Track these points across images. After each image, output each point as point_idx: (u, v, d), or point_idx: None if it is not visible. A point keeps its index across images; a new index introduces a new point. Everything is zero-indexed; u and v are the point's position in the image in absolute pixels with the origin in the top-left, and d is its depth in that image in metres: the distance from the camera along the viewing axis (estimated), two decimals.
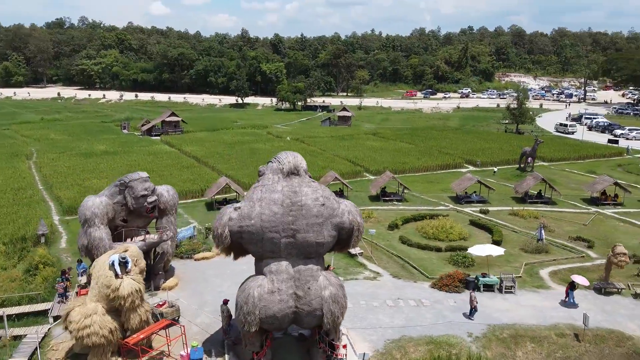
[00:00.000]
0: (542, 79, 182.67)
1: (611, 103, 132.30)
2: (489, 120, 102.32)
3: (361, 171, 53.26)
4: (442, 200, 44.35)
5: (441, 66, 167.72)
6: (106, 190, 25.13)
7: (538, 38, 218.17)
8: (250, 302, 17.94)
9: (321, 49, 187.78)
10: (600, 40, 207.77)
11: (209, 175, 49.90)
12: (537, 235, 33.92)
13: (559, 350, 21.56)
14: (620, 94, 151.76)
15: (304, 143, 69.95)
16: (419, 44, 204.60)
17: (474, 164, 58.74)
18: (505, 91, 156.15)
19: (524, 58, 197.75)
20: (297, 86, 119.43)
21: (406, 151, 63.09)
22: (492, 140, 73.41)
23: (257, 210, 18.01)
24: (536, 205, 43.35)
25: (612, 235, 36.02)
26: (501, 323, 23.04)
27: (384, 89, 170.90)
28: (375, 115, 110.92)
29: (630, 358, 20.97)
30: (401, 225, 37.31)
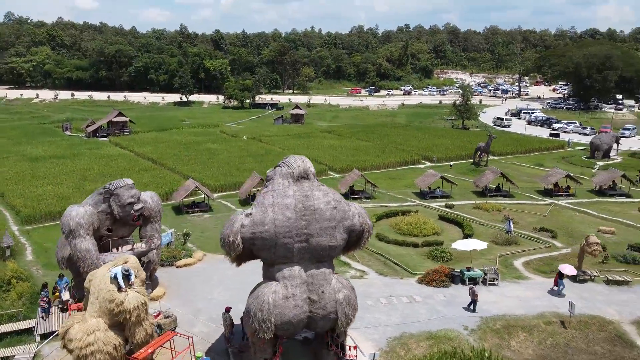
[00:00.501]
0: (478, 76, 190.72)
1: (544, 98, 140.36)
2: (433, 117, 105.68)
3: (325, 170, 53.57)
4: (408, 197, 45.50)
5: (383, 64, 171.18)
6: (89, 199, 23.88)
7: (471, 36, 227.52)
8: (265, 309, 17.73)
9: (263, 46, 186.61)
10: (529, 37, 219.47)
11: (171, 178, 48.47)
12: (506, 228, 35.63)
13: (548, 338, 22.85)
14: (550, 89, 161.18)
15: (262, 142, 69.39)
16: (359, 41, 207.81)
17: (430, 159, 60.58)
18: (444, 88, 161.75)
19: (460, 55, 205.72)
20: (245, 83, 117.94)
21: (364, 149, 64.05)
22: (443, 136, 76.01)
23: (270, 215, 17.81)
24: (496, 198, 45.39)
25: (570, 225, 38.40)
26: (492, 315, 24.09)
27: (328, 86, 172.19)
28: (325, 112, 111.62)
29: (613, 341, 22.56)
30: (375, 223, 37.93)
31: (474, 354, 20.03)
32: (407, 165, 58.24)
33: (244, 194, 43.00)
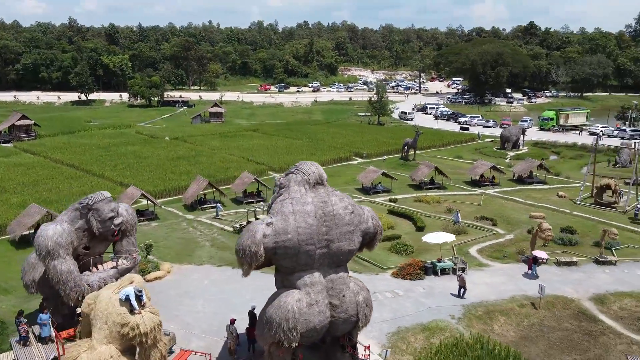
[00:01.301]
0: (379, 73, 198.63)
1: (442, 93, 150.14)
2: (347, 113, 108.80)
3: (265, 170, 53.16)
4: (352, 193, 46.68)
5: (290, 60, 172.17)
6: (64, 216, 21.84)
7: (369, 34, 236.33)
8: (291, 318, 17.61)
9: (162, 41, 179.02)
10: (422, 35, 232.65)
11: (104, 186, 45.14)
12: (453, 219, 38.09)
13: (524, 320, 25.05)
14: (445, 85, 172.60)
15: (187, 142, 67.00)
16: (262, 37, 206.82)
17: (361, 155, 62.55)
18: (350, 85, 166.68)
19: (361, 53, 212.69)
20: (152, 80, 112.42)
21: (297, 147, 64.44)
22: (364, 133, 78.68)
23: (292, 224, 17.68)
24: (431, 191, 48.18)
25: (504, 212, 41.91)
26: (471, 302, 25.84)
27: (235, 82, 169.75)
28: (240, 110, 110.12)
29: (578, 318, 25.28)
30: None
31: (472, 340, 21.47)
32: (340, 162, 59.61)
33: (190, 199, 41.46)
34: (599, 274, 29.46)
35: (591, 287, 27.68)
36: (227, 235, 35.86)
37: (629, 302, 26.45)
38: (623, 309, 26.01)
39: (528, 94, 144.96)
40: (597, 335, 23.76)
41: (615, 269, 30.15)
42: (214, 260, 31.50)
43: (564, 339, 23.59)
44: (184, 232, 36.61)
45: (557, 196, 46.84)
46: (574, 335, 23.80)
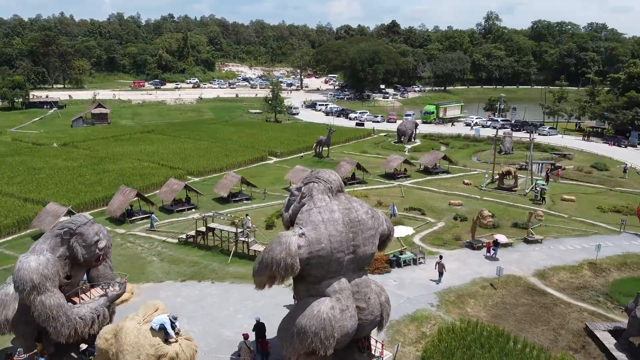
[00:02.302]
0: (257, 69, 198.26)
1: (322, 90, 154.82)
2: (237, 111, 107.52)
3: (184, 175, 50.74)
4: (284, 193, 46.80)
5: (164, 55, 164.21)
6: (43, 244, 19.17)
7: (241, 29, 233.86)
8: (327, 326, 17.70)
9: (13, 35, 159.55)
10: (294, 32, 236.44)
11: (10, 204, 39.66)
12: (390, 212, 40.28)
13: (488, 300, 27.71)
14: (322, 81, 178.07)
15: (82, 149, 61.19)
16: (126, 31, 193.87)
17: (275, 154, 62.66)
18: (232, 81, 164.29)
19: (236, 48, 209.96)
20: (15, 80, 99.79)
21: (206, 149, 62.35)
22: (267, 131, 78.66)
23: (324, 233, 17.73)
24: (354, 186, 50.18)
25: (426, 202, 45.22)
26: (441, 289, 27.86)
27: (102, 79, 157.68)
28: (120, 109, 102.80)
29: (530, 293, 28.58)
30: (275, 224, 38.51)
31: (463, 325, 23.38)
32: (257, 162, 59.13)
33: (118, 211, 38.27)
34: (531, 252, 33.52)
35: (531, 265, 31.45)
36: (173, 247, 34.00)
37: (564, 275, 30.61)
38: (562, 281, 30.06)
39: (399, 89, 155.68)
40: (551, 306, 27.21)
41: (542, 246, 34.52)
42: (173, 275, 29.77)
43: (526, 313, 26.66)
44: (122, 248, 33.87)
45: (463, 184, 51.69)
46: (533, 309, 27.00)
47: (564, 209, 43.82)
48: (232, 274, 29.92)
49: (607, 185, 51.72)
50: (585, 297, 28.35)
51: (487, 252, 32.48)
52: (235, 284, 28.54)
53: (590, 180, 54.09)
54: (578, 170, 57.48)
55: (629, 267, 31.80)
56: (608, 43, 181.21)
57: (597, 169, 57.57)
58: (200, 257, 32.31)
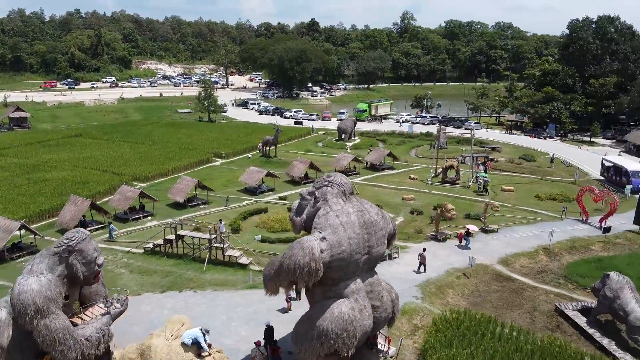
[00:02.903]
0: (177, 66, 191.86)
1: (249, 88, 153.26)
2: (165, 111, 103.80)
3: (130, 181, 48.34)
4: (239, 196, 46.23)
5: (76, 53, 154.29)
6: (40, 264, 17.68)
7: (156, 25, 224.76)
8: (349, 326, 18.00)
9: None
10: (213, 29, 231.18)
11: None
12: None
13: (464, 289, 29.31)
14: (247, 79, 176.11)
15: (9, 157, 56.29)
16: (31, 28, 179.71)
17: (220, 156, 61.41)
18: (151, 79, 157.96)
19: (152, 45, 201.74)
20: None
21: (146, 152, 59.80)
22: (204, 131, 76.88)
23: (343, 235, 17.96)
24: (309, 185, 50.43)
25: (379, 197, 46.42)
26: (421, 282, 29.06)
27: (7, 79, 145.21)
28: (36, 112, 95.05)
29: (499, 279, 30.48)
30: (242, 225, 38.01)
31: (453, 315, 24.63)
32: (203, 165, 57.63)
33: (71, 223, 35.82)
34: (491, 241, 35.80)
35: (493, 253, 33.60)
36: (140, 257, 32.56)
37: (524, 261, 33.06)
38: (523, 266, 32.44)
39: (326, 87, 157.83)
40: (520, 291, 29.34)
41: (499, 235, 36.96)
42: (149, 287, 28.56)
43: (500, 298, 28.55)
44: None
45: (410, 179, 53.80)
46: (505, 295, 28.97)
47: (505, 199, 46.99)
48: (211, 281, 29.26)
49: (538, 175, 56.13)
50: (547, 280, 30.85)
51: (460, 242, 34.28)
52: (218, 291, 27.95)
53: (522, 171, 58.38)
54: (509, 162, 61.81)
55: (577, 250, 34.95)
56: (514, 41, 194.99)
57: (526, 160, 62.27)
58: (172, 267, 31.23)
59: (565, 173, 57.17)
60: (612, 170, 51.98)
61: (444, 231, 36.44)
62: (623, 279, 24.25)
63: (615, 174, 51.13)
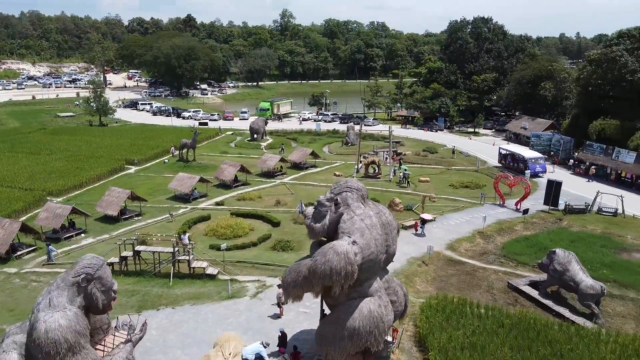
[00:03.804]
0: (42, 65, 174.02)
1: (130, 87, 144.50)
2: (44, 115, 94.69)
3: (44, 196, 43.84)
4: (172, 204, 44.36)
5: None
6: (60, 298, 15.89)
7: (11, 21, 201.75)
8: (379, 323, 18.94)
9: None
10: (79, 24, 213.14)
11: None
12: (299, 209, 41.83)
13: (427, 275, 31.60)
14: (125, 78, 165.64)
15: None
16: None
17: (133, 162, 57.88)
18: (16, 80, 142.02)
19: (11, 43, 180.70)
20: None
21: (47, 162, 54.35)
22: (101, 136, 71.77)
23: (370, 238, 18.78)
24: (238, 188, 49.98)
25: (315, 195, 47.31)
26: (391, 272, 30.59)
27: None
28: None
29: (452, 264, 33.12)
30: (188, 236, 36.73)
31: (436, 300, 26.64)
32: (117, 174, 53.98)
33: (3, 247, 31.91)
34: (433, 229, 38.76)
35: (439, 240, 36.52)
36: None
37: (466, 245, 36.44)
38: (467, 250, 35.78)
39: (214, 85, 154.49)
40: (473, 272, 32.40)
41: (437, 223, 40.13)
42: (120, 309, 26.22)
43: (460, 281, 31.33)
44: (29, 289, 28.88)
45: (335, 175, 55.70)
46: (462, 277, 31.84)
47: (424, 189, 50.81)
48: (183, 296, 28.18)
49: (444, 165, 61.41)
50: (490, 260, 34.42)
51: (416, 231, 36.73)
52: (198, 305, 27.06)
53: (429, 162, 63.33)
54: (416, 155, 66.59)
55: (505, 232, 39.34)
56: (388, 40, 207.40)
57: (430, 152, 67.56)
58: (134, 285, 29.47)
59: (467, 162, 63.23)
60: (509, 158, 58.69)
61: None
62: (569, 254, 28.15)
63: (512, 161, 57.86)
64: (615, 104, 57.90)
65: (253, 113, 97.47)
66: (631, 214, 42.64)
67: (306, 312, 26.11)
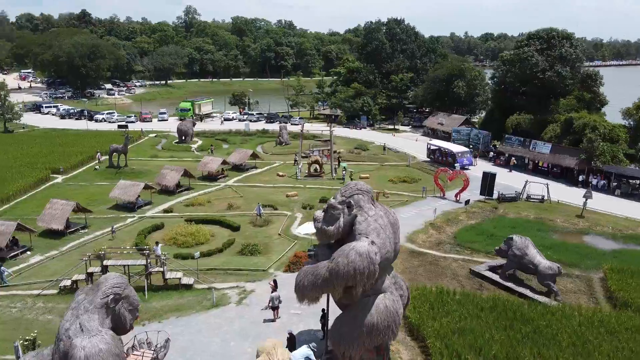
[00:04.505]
0: None
1: (25, 88, 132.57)
2: None
3: None
4: (117, 214, 42.15)
5: None
6: (91, 322, 14.94)
7: None
8: (396, 317, 19.85)
9: None
10: None
11: None
12: (256, 212, 41.65)
13: (397, 267, 32.57)
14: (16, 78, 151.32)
15: None
16: None
17: (59, 171, 53.76)
18: None
19: None
20: None
21: None
22: (14, 145, 65.72)
23: (385, 237, 19.62)
24: (182, 194, 48.46)
25: (267, 197, 47.34)
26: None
27: None
28: None
29: (414, 255, 34.70)
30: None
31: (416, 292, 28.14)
32: (44, 184, 49.98)
33: None
34: None
35: None
36: (56, 299, 28.19)
37: (422, 236, 38.56)
38: (424, 241, 37.91)
39: (119, 84, 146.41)
40: (435, 262, 34.44)
41: None
42: None
43: (426, 271, 33.20)
44: None
45: (278, 176, 55.88)
46: (428, 267, 33.74)
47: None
48: (164, 309, 27.29)
49: (379, 162, 63.93)
50: (448, 250, 36.80)
51: None
52: (185, 317, 26.35)
53: (363, 159, 65.47)
54: (350, 152, 68.56)
55: (452, 222, 42.13)
56: (297, 38, 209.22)
57: (362, 150, 69.88)
58: None
59: (398, 158, 66.30)
60: (437, 153, 62.50)
61: None
62: (525, 239, 31.05)
63: (441, 155, 61.70)
64: (527, 100, 63.88)
65: (172, 113, 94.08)
66: (555, 200, 47.54)
67: (298, 314, 26.49)
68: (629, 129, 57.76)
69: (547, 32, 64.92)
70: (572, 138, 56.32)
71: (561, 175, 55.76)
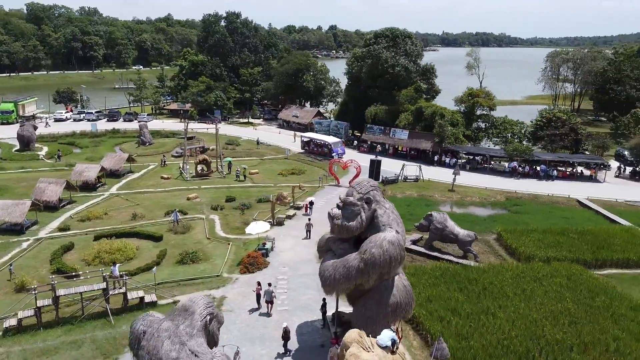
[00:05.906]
0: None
1: None
2: None
3: None
4: (8, 238, 36.34)
5: None
6: (202, 345, 14.40)
7: None
8: (412, 295, 22.69)
9: None
10: None
11: None
12: (173, 218, 39.82)
13: None
14: None
15: None
16: None
17: None
18: None
19: None
20: None
21: None
22: None
23: (402, 227, 22.13)
24: (67, 208, 43.39)
25: (168, 202, 45.29)
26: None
27: None
28: None
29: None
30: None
31: None
32: None
33: None
34: (313, 213, 42.19)
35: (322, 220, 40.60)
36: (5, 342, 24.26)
37: None
38: None
39: None
40: None
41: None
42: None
43: None
44: None
45: (163, 179, 53.16)
46: None
47: (259, 180, 53.89)
48: None
49: (257, 156, 64.91)
50: None
51: (305, 212, 40.56)
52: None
53: (240, 154, 65.54)
54: (224, 148, 67.80)
55: None
56: (106, 27, 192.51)
57: (235, 145, 69.82)
58: (68, 336, 24.98)
59: (274, 152, 68.12)
60: (312, 144, 66.11)
61: (279, 215, 40.92)
62: (443, 214, 36.32)
63: (316, 146, 65.47)
64: (379, 93, 71.26)
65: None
66: (426, 178, 55.04)
67: (287, 310, 27.45)
68: (462, 114, 68.94)
69: (391, 31, 73.11)
70: (424, 124, 65.16)
71: (418, 157, 64.25)
